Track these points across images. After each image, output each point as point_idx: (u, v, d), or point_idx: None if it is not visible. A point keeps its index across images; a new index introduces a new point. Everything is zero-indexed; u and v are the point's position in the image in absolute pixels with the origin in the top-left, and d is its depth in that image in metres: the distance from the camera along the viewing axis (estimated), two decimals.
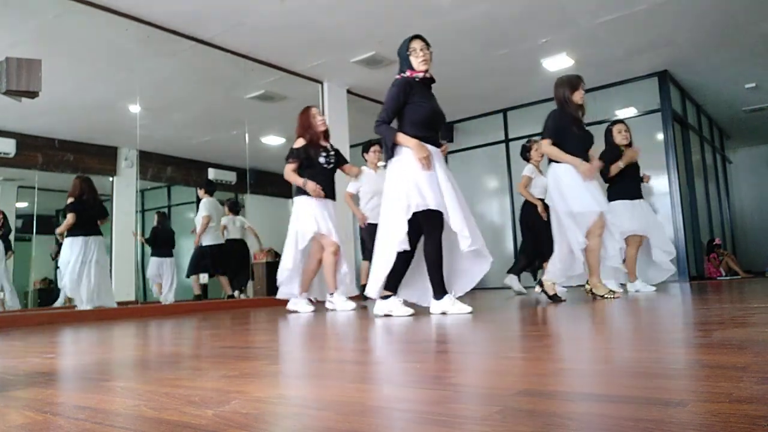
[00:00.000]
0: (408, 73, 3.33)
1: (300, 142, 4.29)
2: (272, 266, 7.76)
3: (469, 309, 3.12)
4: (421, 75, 3.32)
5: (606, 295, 3.80)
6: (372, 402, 0.96)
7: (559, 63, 6.63)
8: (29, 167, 6.59)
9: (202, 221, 6.70)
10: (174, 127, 7.57)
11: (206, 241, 6.80)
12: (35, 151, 6.59)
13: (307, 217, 4.25)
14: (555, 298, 3.81)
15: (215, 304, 6.16)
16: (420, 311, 3.33)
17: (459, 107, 8.07)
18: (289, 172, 4.27)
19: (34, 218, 6.88)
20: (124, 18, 5.00)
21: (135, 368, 1.63)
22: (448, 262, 3.29)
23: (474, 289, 3.53)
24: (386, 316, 3.19)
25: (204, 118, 7.62)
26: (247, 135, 6.95)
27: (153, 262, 6.92)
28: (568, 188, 3.78)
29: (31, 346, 2.56)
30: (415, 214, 3.12)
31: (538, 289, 5.57)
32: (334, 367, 1.48)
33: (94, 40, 5.40)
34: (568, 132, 3.81)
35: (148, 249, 7.68)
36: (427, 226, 3.19)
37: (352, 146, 7.38)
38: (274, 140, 8.46)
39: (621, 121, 4.88)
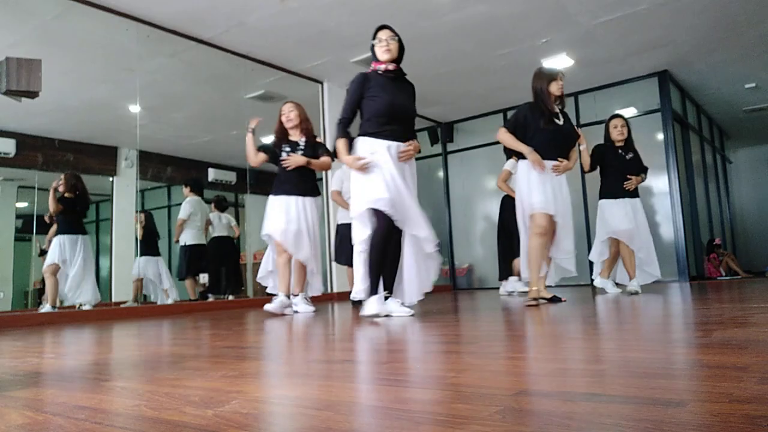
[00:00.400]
0: (372, 66, 3.28)
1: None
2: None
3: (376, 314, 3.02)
4: (383, 67, 3.25)
5: (529, 302, 3.57)
6: (372, 402, 0.96)
7: (559, 63, 6.63)
8: (29, 167, 6.58)
9: (178, 222, 6.76)
10: (174, 127, 7.57)
11: (190, 240, 6.81)
12: (35, 151, 6.58)
13: (266, 217, 4.15)
14: (554, 299, 3.70)
15: (215, 304, 6.15)
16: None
17: (459, 107, 8.08)
18: (253, 166, 4.26)
19: (34, 218, 6.87)
20: (124, 18, 5.01)
21: (135, 368, 1.63)
22: (407, 264, 3.17)
23: (475, 288, 3.53)
24: (386, 316, 3.06)
25: (204, 118, 7.62)
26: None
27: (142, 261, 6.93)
28: (525, 183, 3.68)
29: (31, 346, 2.56)
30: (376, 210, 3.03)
31: (502, 290, 5.58)
32: (334, 367, 1.48)
33: (94, 40, 5.40)
34: (536, 126, 3.68)
35: None
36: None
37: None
38: None
39: (619, 116, 4.69)
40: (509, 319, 2.83)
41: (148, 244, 6.88)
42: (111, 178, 7.22)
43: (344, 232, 4.85)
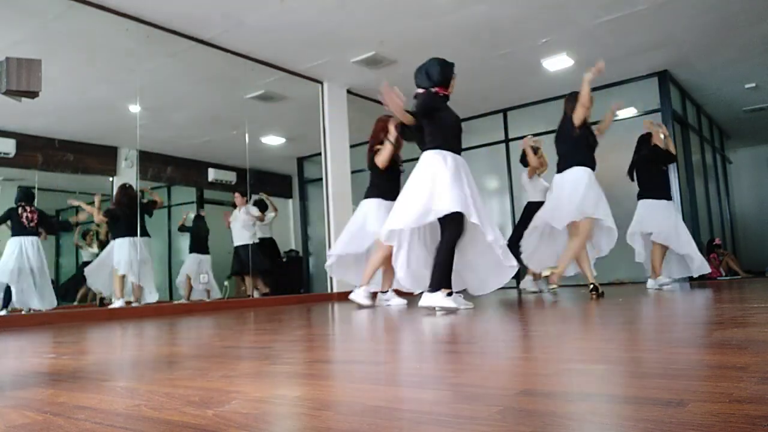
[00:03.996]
0: (437, 90, 3.57)
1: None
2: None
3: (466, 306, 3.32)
4: (444, 92, 3.67)
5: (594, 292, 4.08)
6: (372, 402, 0.96)
7: (559, 63, 6.64)
8: (29, 167, 6.58)
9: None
10: (174, 127, 7.57)
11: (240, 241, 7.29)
12: (35, 151, 6.58)
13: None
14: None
15: (214, 305, 6.16)
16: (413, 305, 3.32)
17: (459, 107, 8.01)
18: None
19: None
20: (124, 18, 5.00)
21: (135, 368, 1.63)
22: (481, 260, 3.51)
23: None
24: (449, 310, 3.20)
25: (204, 118, 7.62)
26: (247, 135, 6.95)
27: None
28: (577, 192, 4.17)
29: (31, 346, 2.56)
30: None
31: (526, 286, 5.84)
32: (334, 367, 1.48)
33: (94, 40, 5.40)
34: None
35: None
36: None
37: (352, 146, 7.37)
38: (274, 140, 8.46)
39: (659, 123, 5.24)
40: (509, 318, 2.83)
41: (199, 243, 7.28)
42: (111, 178, 7.22)
43: None
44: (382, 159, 4.52)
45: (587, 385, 1.05)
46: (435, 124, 3.49)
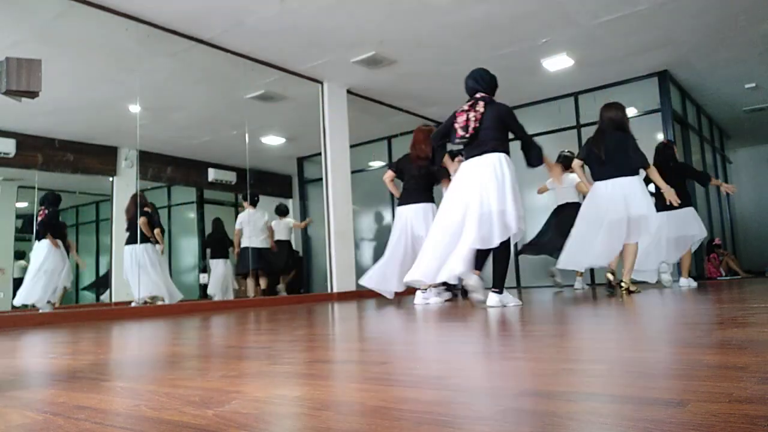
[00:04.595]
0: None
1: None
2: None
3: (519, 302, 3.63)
4: None
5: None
6: (372, 402, 0.96)
7: (559, 63, 6.63)
8: (29, 167, 6.58)
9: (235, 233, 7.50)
10: (174, 127, 7.57)
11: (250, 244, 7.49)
12: (35, 151, 6.58)
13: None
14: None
15: (214, 305, 6.16)
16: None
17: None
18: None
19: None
20: (124, 18, 5.00)
21: (135, 368, 1.63)
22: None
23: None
24: (503, 306, 3.49)
25: (204, 118, 7.62)
26: (247, 135, 6.95)
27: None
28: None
29: (32, 346, 2.56)
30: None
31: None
32: (334, 367, 1.48)
33: (94, 40, 5.40)
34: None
35: None
36: None
37: (352, 146, 7.37)
38: (274, 140, 8.46)
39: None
40: (509, 318, 2.84)
41: (220, 247, 7.53)
42: (111, 178, 7.22)
43: None
44: (442, 182, 4.99)
45: (587, 385, 1.05)
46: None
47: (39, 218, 5.91)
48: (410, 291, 5.12)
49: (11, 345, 2.63)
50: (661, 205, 4.98)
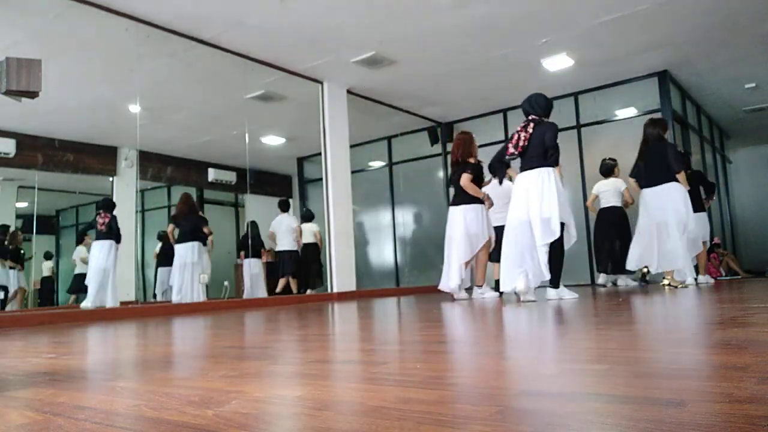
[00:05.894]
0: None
1: (473, 160, 5.23)
2: (272, 265, 7.85)
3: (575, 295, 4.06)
4: None
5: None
6: (372, 402, 0.96)
7: (559, 63, 6.63)
8: (29, 167, 6.59)
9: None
10: (174, 127, 7.57)
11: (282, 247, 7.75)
12: (35, 151, 6.59)
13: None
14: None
15: (214, 305, 6.15)
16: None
17: (459, 107, 8.07)
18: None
19: (34, 218, 6.88)
20: (124, 18, 5.00)
21: (135, 368, 1.63)
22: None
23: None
24: (559, 299, 3.91)
25: (204, 118, 7.63)
26: (247, 135, 6.95)
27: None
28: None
29: (31, 346, 2.56)
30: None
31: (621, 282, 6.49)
32: (334, 367, 1.48)
33: (94, 40, 5.40)
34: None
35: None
36: None
37: (352, 146, 7.37)
38: (274, 140, 8.47)
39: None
40: (510, 318, 2.84)
41: (253, 249, 7.64)
42: (111, 178, 7.23)
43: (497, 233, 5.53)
44: (473, 191, 5.16)
45: (587, 385, 1.05)
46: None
47: (100, 221, 6.16)
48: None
49: (11, 345, 2.63)
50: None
